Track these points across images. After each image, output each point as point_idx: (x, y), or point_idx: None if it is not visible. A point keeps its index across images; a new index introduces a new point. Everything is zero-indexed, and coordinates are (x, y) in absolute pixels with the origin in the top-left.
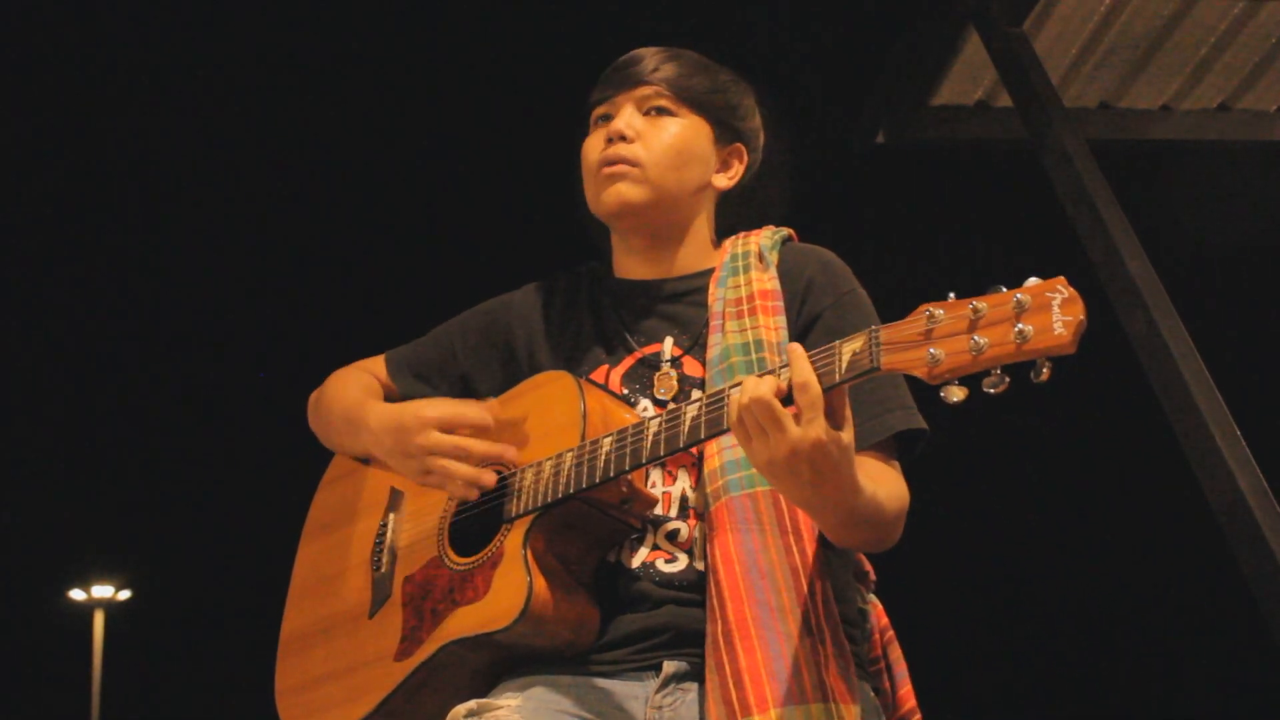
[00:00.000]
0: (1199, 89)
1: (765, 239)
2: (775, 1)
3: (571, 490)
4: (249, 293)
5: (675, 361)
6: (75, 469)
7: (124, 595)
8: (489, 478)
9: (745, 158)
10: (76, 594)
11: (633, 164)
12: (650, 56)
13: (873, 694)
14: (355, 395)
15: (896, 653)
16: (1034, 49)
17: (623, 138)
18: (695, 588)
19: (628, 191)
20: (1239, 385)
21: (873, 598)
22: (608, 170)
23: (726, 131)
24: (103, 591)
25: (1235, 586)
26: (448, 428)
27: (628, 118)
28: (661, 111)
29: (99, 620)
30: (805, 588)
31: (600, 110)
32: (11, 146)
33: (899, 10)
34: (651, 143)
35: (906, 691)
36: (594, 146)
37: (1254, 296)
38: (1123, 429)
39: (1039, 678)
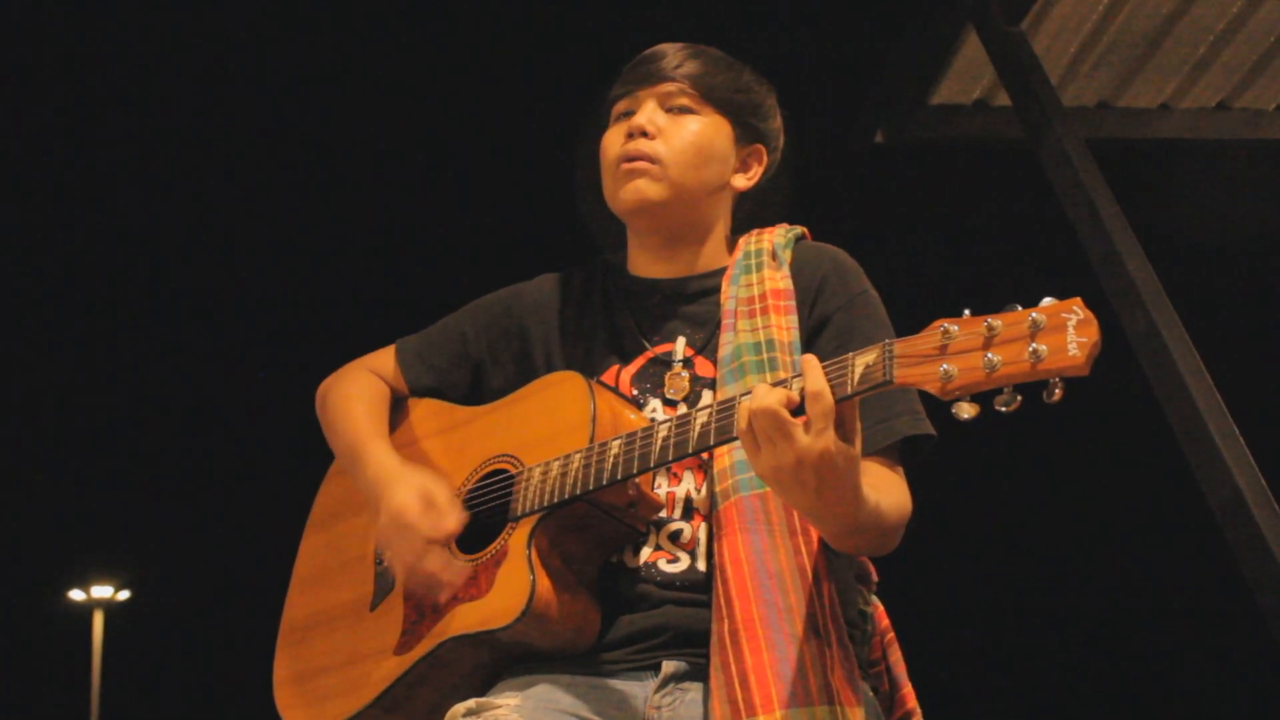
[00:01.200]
0: (1198, 87)
1: (779, 237)
2: (775, 1)
3: (578, 491)
4: (249, 291)
5: (688, 362)
6: (75, 469)
7: (123, 596)
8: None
9: (765, 159)
10: (76, 594)
11: (653, 161)
12: (674, 53)
13: (873, 695)
14: (361, 425)
15: (896, 654)
16: (1032, 48)
17: (644, 134)
18: (697, 588)
19: (647, 189)
20: (1238, 384)
21: (874, 599)
22: (627, 166)
23: (747, 131)
24: (102, 592)
25: (1234, 586)
26: (411, 525)
27: (650, 114)
28: (684, 109)
29: (98, 621)
30: (813, 589)
31: (621, 105)
32: (12, 145)
33: (898, 9)
34: (673, 140)
35: (906, 692)
36: (614, 141)
37: (1253, 295)
38: (1121, 428)
39: (1039, 678)
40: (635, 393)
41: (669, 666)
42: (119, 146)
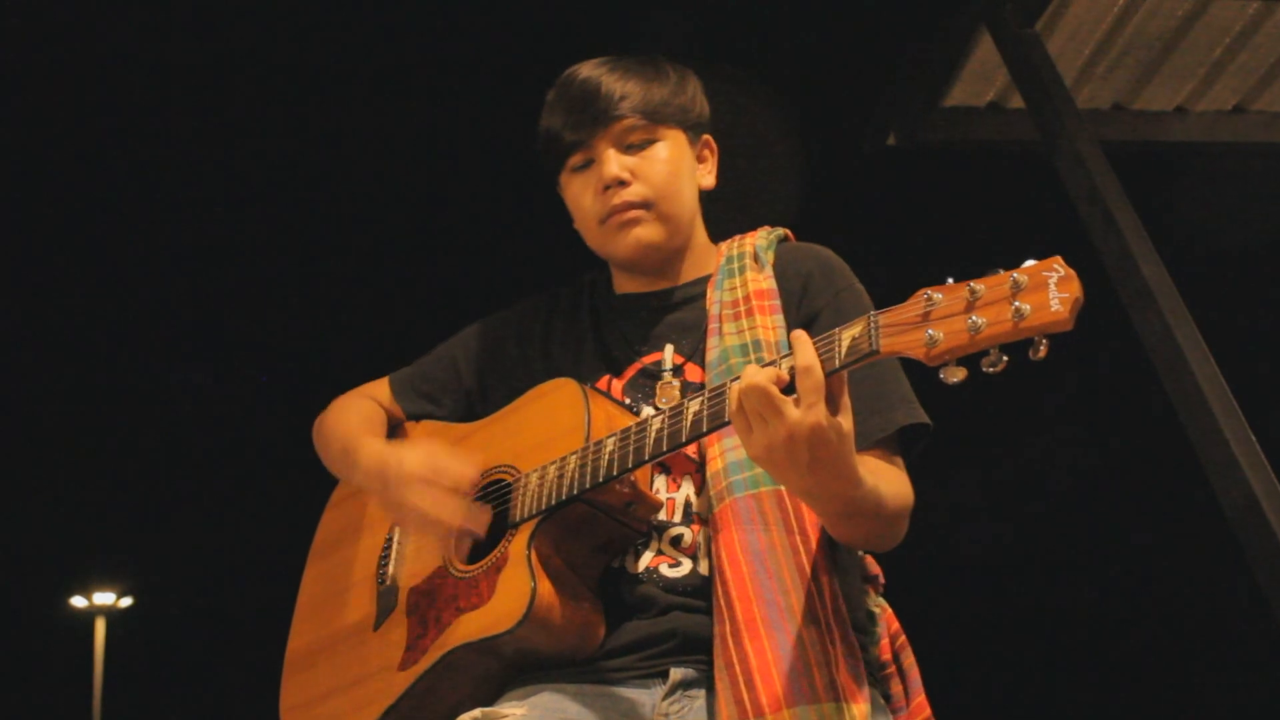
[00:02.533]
0: (1213, 90)
1: (760, 239)
2: (787, 3)
3: (575, 491)
4: (252, 297)
5: (677, 370)
6: (77, 475)
7: (125, 603)
8: (463, 545)
9: (714, 145)
10: (78, 601)
11: (642, 205)
12: (606, 82)
13: (880, 698)
14: (353, 429)
15: (910, 658)
16: (1047, 50)
17: (621, 183)
18: (699, 593)
19: (646, 234)
20: (1252, 387)
21: (882, 601)
22: (619, 218)
23: (695, 131)
24: (104, 599)
25: (1247, 588)
26: (428, 480)
27: (615, 161)
28: (644, 144)
29: (100, 628)
30: (813, 587)
31: (577, 158)
32: (12, 145)
33: (911, 12)
34: (651, 178)
35: (921, 701)
36: (588, 196)
37: (1267, 298)
38: (1135, 431)
39: (1048, 680)
40: (629, 401)
41: (677, 674)
42: (119, 147)
